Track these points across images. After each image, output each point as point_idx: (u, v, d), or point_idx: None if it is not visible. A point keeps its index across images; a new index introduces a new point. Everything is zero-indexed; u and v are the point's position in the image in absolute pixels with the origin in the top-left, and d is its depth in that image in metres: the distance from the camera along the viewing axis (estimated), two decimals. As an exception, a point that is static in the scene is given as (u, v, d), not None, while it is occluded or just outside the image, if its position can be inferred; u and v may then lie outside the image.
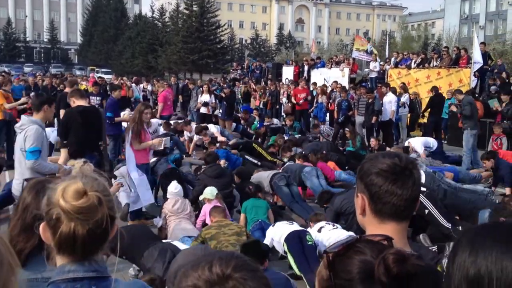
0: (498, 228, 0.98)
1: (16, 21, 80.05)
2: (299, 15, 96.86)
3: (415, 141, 11.84)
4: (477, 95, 15.61)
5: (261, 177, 8.43)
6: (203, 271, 1.05)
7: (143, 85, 22.46)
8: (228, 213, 6.72)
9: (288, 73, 24.28)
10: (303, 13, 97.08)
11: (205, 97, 16.25)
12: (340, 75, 20.18)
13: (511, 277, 0.89)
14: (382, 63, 21.45)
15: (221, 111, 16.21)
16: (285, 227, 5.88)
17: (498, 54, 29.21)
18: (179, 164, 9.49)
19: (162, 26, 61.28)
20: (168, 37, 55.72)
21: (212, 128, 13.11)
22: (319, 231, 5.85)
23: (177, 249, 5.09)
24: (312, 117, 17.07)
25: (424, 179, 7.17)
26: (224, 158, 9.46)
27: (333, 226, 5.92)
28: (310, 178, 8.41)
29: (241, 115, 16.70)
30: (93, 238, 1.48)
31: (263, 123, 15.72)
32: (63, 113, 8.17)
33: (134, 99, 18.42)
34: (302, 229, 5.84)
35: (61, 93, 11.28)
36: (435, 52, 20.55)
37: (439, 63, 17.86)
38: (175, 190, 6.86)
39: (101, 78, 22.70)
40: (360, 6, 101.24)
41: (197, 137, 12.45)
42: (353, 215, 6.20)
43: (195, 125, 13.25)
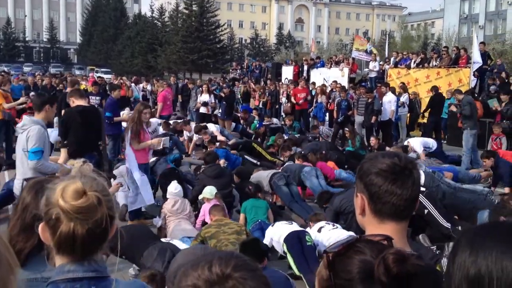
0: (498, 228, 0.98)
1: (15, 20, 79.97)
2: (299, 14, 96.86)
3: (414, 141, 11.85)
4: (477, 95, 15.62)
5: (261, 176, 8.42)
6: (203, 271, 1.04)
7: (142, 85, 22.44)
8: (226, 213, 6.72)
9: (287, 72, 24.27)
10: (302, 13, 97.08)
11: (205, 97, 16.26)
12: (339, 75, 20.18)
13: (511, 277, 0.89)
14: (381, 63, 21.45)
15: (220, 111, 16.22)
16: (285, 227, 5.88)
17: (497, 54, 29.22)
18: (179, 164, 9.48)
19: (161, 25, 61.28)
20: (167, 37, 55.71)
21: (211, 127, 13.09)
22: (319, 231, 5.84)
23: (176, 248, 5.09)
24: (311, 117, 17.07)
25: (423, 179, 7.17)
26: (223, 157, 9.44)
27: (333, 226, 5.92)
28: (309, 178, 8.40)
29: (240, 115, 16.70)
30: (93, 238, 1.48)
31: (263, 122, 15.71)
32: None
33: (133, 98, 18.41)
34: (301, 229, 5.84)
35: (63, 93, 11.27)
36: (434, 52, 20.56)
37: (438, 63, 17.85)
38: (175, 190, 6.85)
39: (101, 77, 22.68)
40: (359, 6, 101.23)
41: (197, 136, 12.43)
42: (352, 214, 6.20)
43: (194, 125, 13.24)
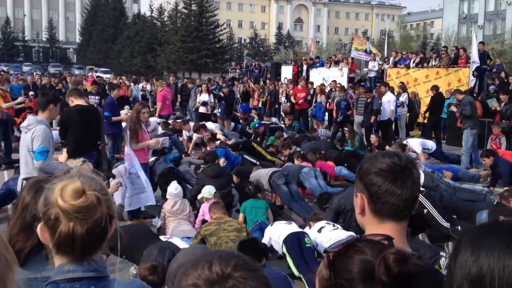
0: (499, 227, 0.98)
1: (14, 20, 79.88)
2: (298, 14, 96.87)
3: (413, 141, 11.84)
4: (476, 94, 15.63)
5: (260, 175, 8.42)
6: (203, 270, 1.04)
7: (142, 85, 22.42)
8: (226, 211, 6.71)
9: (287, 72, 24.27)
10: (302, 13, 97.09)
11: (204, 97, 16.26)
12: (339, 75, 20.18)
13: None
14: (381, 63, 21.44)
15: (220, 111, 16.22)
16: (284, 227, 5.88)
17: (496, 53, 29.20)
18: (178, 163, 9.45)
19: (161, 25, 61.23)
20: (167, 37, 55.66)
21: (210, 125, 13.07)
22: (319, 231, 5.84)
23: (176, 248, 5.08)
24: (310, 116, 17.07)
25: (423, 179, 7.18)
26: (223, 156, 9.43)
27: (334, 226, 5.91)
28: (308, 179, 8.39)
29: (240, 115, 16.68)
30: (92, 237, 1.48)
31: (262, 122, 15.70)
32: None
33: (132, 98, 18.38)
34: (300, 230, 5.84)
35: (63, 93, 11.26)
36: (434, 51, 20.55)
37: (438, 62, 17.85)
38: (175, 191, 6.84)
39: (100, 77, 22.70)
40: (359, 5, 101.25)
41: (197, 136, 12.42)
42: (351, 212, 6.21)
43: (193, 124, 13.21)
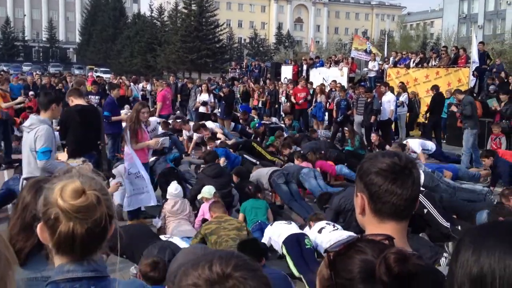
0: (500, 227, 0.98)
1: (14, 20, 79.87)
2: (298, 14, 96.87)
3: (412, 141, 11.81)
4: (476, 94, 15.62)
5: (260, 174, 8.42)
6: (203, 270, 1.04)
7: (142, 84, 22.41)
8: (226, 210, 6.70)
9: (287, 72, 24.27)
10: (301, 13, 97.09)
11: (204, 97, 16.26)
12: (339, 75, 20.18)
13: None
14: (380, 63, 21.43)
15: (220, 110, 16.22)
16: (283, 227, 5.88)
17: (496, 53, 29.20)
18: (178, 163, 9.44)
19: (160, 25, 61.21)
20: (166, 37, 55.65)
21: (210, 124, 13.07)
22: (319, 232, 5.84)
23: (176, 247, 5.08)
24: (310, 116, 17.06)
25: (423, 178, 7.17)
26: (223, 156, 9.42)
27: (334, 227, 5.91)
28: (308, 179, 8.39)
29: (240, 115, 16.67)
30: (92, 237, 1.48)
31: (262, 122, 15.69)
32: None
33: (132, 98, 18.38)
34: (300, 232, 5.84)
35: (63, 93, 11.26)
36: (433, 51, 20.55)
37: (437, 62, 17.85)
38: (175, 191, 6.84)
39: (100, 77, 22.68)
40: (358, 5, 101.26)
41: (197, 135, 12.41)
42: (352, 212, 6.20)
43: (192, 124, 13.20)
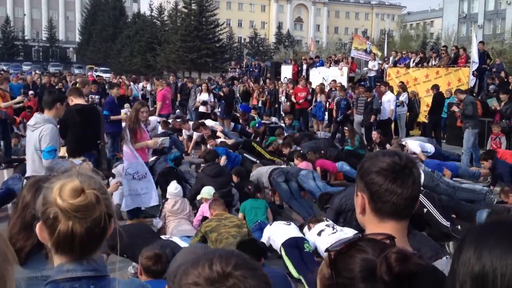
0: (502, 226, 0.98)
1: (14, 19, 79.85)
2: (298, 14, 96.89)
3: (412, 142, 11.72)
4: (475, 94, 15.62)
5: (260, 172, 8.44)
6: (203, 269, 1.04)
7: (142, 84, 22.39)
8: (226, 208, 6.69)
9: (286, 72, 24.26)
10: (301, 12, 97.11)
11: (204, 96, 16.25)
12: (338, 74, 20.17)
13: None
14: (380, 62, 21.43)
15: (219, 110, 16.21)
16: (283, 228, 5.87)
17: (496, 53, 29.19)
18: (179, 163, 9.42)
19: (160, 24, 61.21)
20: (166, 36, 55.65)
21: (210, 122, 13.06)
22: (319, 234, 5.84)
23: (177, 246, 5.07)
24: (310, 116, 17.05)
25: (423, 178, 7.17)
26: (224, 155, 9.40)
27: (333, 229, 5.90)
28: (306, 181, 8.40)
29: (239, 115, 16.64)
30: (91, 236, 1.47)
31: (262, 121, 15.68)
32: None
33: (132, 97, 18.37)
34: (300, 236, 5.83)
35: (63, 92, 11.23)
36: (433, 51, 20.56)
37: (437, 62, 17.86)
38: (175, 190, 6.84)
39: (100, 76, 22.70)
40: (358, 5, 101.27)
41: (197, 134, 12.40)
42: (352, 212, 6.20)
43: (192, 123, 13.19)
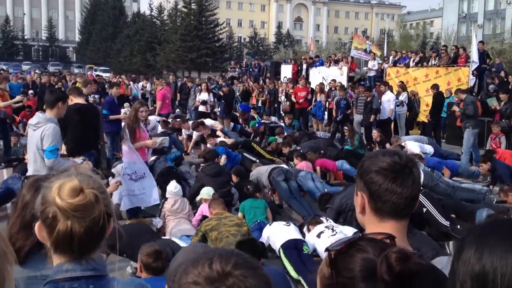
0: (503, 226, 0.98)
1: (14, 19, 79.82)
2: (298, 13, 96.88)
3: (411, 143, 11.67)
4: (475, 94, 15.62)
5: (260, 172, 8.44)
6: (203, 268, 1.04)
7: (142, 84, 22.36)
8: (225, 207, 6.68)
9: (286, 71, 24.26)
10: (301, 12, 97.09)
11: (204, 96, 16.25)
12: (338, 74, 20.16)
13: None
14: (380, 62, 21.43)
15: (219, 110, 16.21)
16: (282, 229, 5.86)
17: (496, 53, 29.17)
18: (180, 162, 9.41)
19: (160, 24, 61.18)
20: (166, 36, 55.61)
21: (209, 121, 13.07)
22: (318, 236, 5.83)
23: (176, 246, 5.06)
24: (310, 115, 17.05)
25: (422, 177, 7.15)
26: (224, 154, 9.40)
27: (333, 231, 5.90)
28: (305, 182, 8.41)
29: (239, 115, 16.62)
30: (90, 236, 1.47)
31: (262, 121, 15.68)
32: None
33: (132, 97, 18.35)
34: (299, 238, 5.83)
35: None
36: (433, 50, 20.54)
37: (437, 61, 17.85)
38: (175, 189, 6.84)
39: (99, 76, 22.68)
40: (358, 4, 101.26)
41: (196, 133, 12.41)
42: (352, 212, 6.19)
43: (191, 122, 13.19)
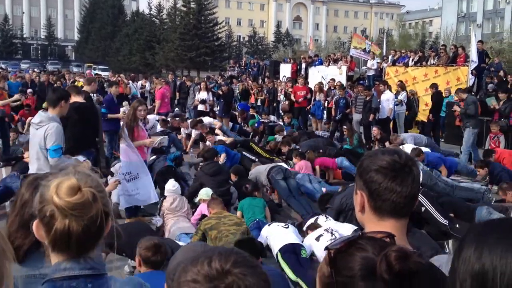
0: (503, 224, 0.98)
1: (13, 17, 79.71)
2: (297, 12, 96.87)
3: (408, 146, 11.59)
4: (474, 93, 15.62)
5: (259, 171, 8.44)
6: (203, 266, 1.04)
7: (141, 82, 22.32)
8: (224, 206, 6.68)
9: (285, 70, 24.27)
10: (300, 11, 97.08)
11: (203, 95, 16.23)
12: (337, 73, 20.17)
13: None
14: (379, 61, 21.43)
15: (218, 109, 16.21)
16: (281, 231, 5.84)
17: (495, 52, 29.24)
18: (180, 163, 9.39)
19: (159, 23, 61.16)
20: (165, 34, 55.60)
21: (208, 120, 13.07)
22: (317, 239, 5.83)
23: (176, 245, 5.05)
24: (310, 114, 17.04)
25: (421, 177, 7.14)
26: (223, 152, 9.39)
27: (332, 235, 5.90)
28: (303, 183, 8.40)
29: (237, 114, 16.61)
30: (88, 234, 1.47)
31: (261, 120, 15.67)
32: None
33: (131, 96, 18.33)
34: (297, 243, 5.82)
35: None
36: (432, 50, 20.54)
37: (436, 61, 17.86)
38: (173, 187, 6.84)
39: (98, 75, 22.65)
40: (358, 4, 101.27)
41: (195, 132, 12.41)
42: (352, 211, 6.19)
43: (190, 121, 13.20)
